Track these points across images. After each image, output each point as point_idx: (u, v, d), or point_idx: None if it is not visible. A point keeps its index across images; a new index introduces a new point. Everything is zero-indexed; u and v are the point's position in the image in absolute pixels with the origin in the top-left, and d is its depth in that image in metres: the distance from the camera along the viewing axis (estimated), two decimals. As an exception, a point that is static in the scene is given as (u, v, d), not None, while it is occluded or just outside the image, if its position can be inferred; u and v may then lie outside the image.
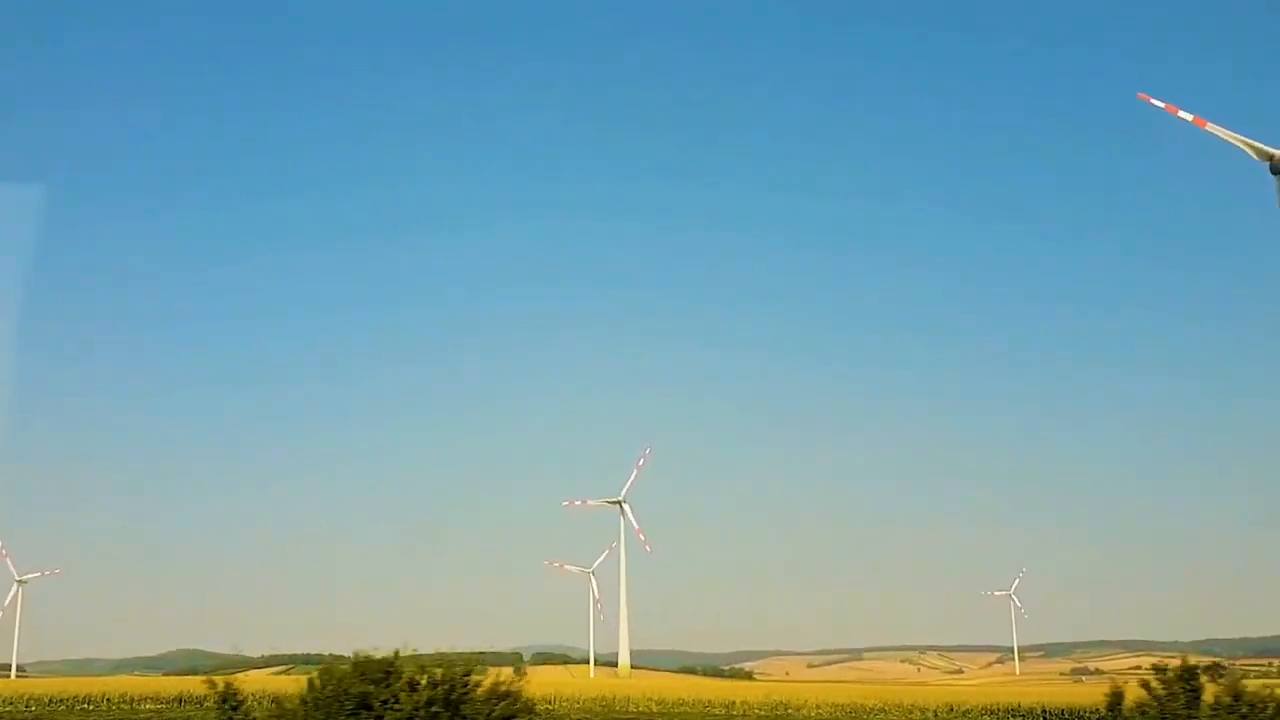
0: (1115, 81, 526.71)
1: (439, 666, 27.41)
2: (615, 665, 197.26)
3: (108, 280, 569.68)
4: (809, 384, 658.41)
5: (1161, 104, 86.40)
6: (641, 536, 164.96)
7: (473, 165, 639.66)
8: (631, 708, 67.20)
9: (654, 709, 66.61)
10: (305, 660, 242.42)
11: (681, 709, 67.78)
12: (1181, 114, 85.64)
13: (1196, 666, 19.33)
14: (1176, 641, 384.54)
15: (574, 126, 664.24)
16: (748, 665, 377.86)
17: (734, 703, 68.63)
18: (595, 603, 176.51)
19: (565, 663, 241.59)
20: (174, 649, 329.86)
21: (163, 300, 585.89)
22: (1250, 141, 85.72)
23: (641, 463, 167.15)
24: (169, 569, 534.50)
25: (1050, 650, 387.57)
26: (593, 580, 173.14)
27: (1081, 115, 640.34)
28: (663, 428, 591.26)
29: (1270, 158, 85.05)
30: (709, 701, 69.20)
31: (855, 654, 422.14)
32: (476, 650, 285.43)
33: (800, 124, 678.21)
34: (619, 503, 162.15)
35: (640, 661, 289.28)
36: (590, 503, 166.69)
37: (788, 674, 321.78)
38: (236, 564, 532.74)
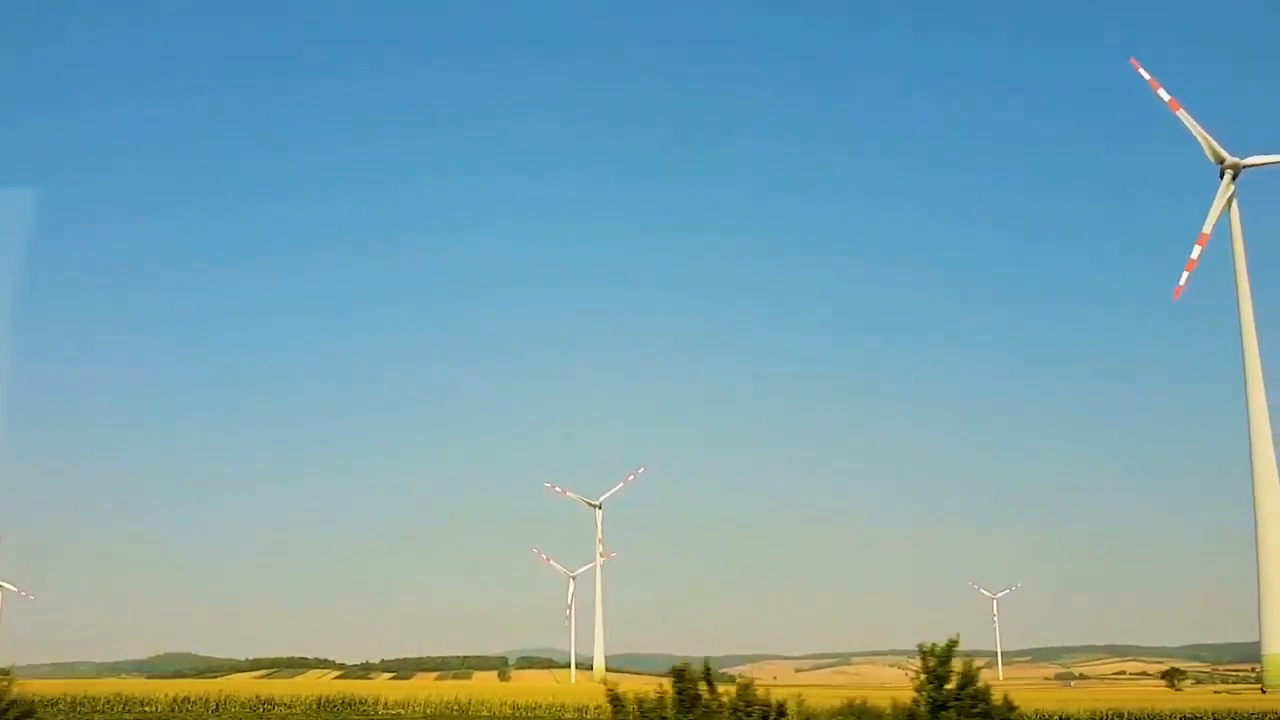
0: (1110, 82, 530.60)
1: None
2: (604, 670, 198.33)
3: (104, 281, 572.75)
4: (802, 388, 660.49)
5: (1147, 75, 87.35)
6: (601, 546, 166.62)
7: (473, 166, 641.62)
8: (485, 711, 68.60)
9: (508, 711, 68.20)
10: (289, 664, 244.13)
11: (505, 710, 69.46)
12: (1161, 91, 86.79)
13: (685, 669, 19.54)
14: (1164, 647, 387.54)
15: (574, 128, 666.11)
16: (737, 669, 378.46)
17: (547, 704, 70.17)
18: (567, 607, 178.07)
19: (550, 666, 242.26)
20: (164, 652, 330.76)
21: (158, 301, 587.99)
22: (1209, 138, 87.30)
23: (631, 478, 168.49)
24: (160, 571, 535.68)
25: (1038, 655, 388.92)
26: (571, 584, 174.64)
27: (1079, 116, 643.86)
28: (656, 431, 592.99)
29: (1220, 159, 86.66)
30: (550, 705, 70.46)
31: (844, 658, 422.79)
32: (461, 654, 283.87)
33: (799, 126, 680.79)
34: (596, 506, 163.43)
35: (629, 665, 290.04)
36: (570, 494, 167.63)
37: (774, 678, 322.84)
38: (228, 568, 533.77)
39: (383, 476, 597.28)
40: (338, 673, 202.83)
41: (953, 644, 16.84)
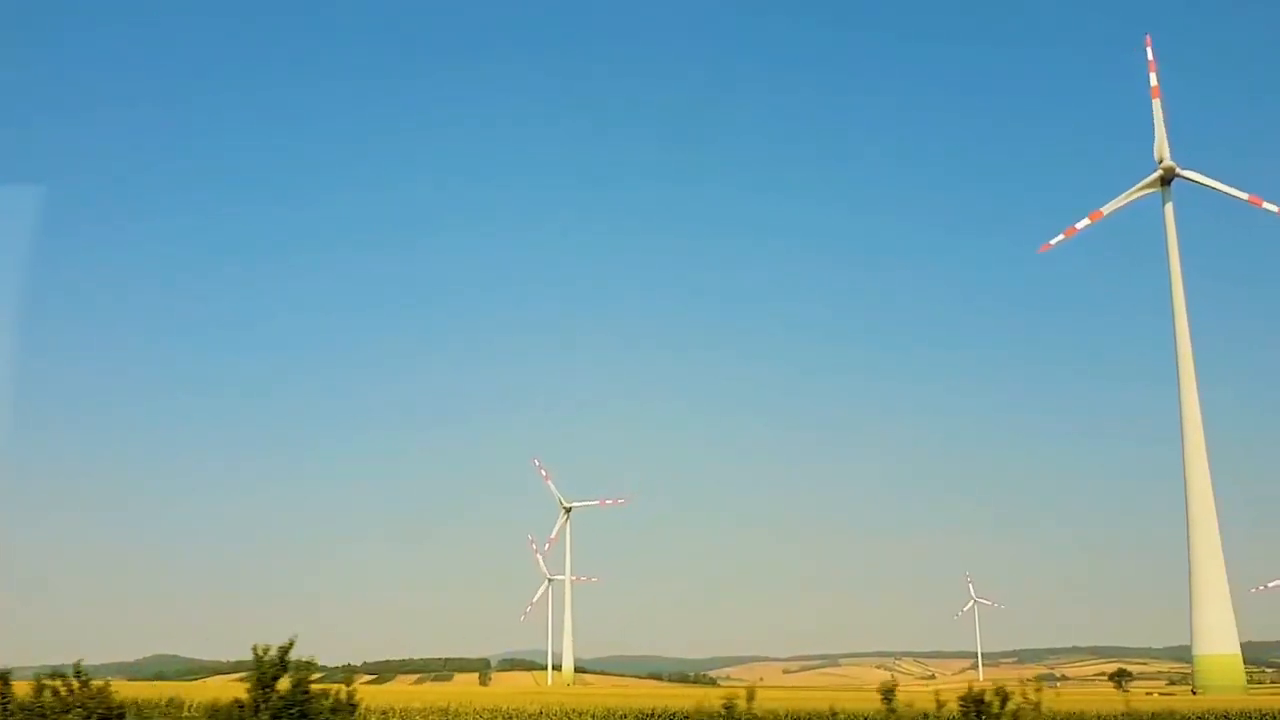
0: (1109, 83, 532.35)
1: None
2: (584, 671, 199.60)
3: (103, 281, 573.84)
4: (794, 395, 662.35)
5: (1151, 56, 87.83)
6: (546, 546, 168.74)
7: (472, 168, 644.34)
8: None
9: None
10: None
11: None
12: (1152, 75, 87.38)
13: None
14: (1149, 648, 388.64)
15: (573, 131, 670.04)
16: (725, 671, 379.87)
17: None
18: (530, 604, 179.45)
19: (533, 669, 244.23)
20: (152, 654, 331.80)
21: (148, 304, 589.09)
22: (1163, 136, 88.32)
23: (609, 502, 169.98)
24: (151, 574, 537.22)
25: (1024, 656, 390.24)
26: (547, 586, 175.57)
27: (1078, 118, 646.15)
28: (649, 433, 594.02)
29: (1160, 158, 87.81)
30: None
31: (832, 660, 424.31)
32: (444, 657, 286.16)
33: (799, 128, 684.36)
34: (566, 509, 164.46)
35: (616, 667, 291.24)
36: (550, 482, 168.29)
37: (761, 679, 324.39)
38: (218, 570, 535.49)
39: (370, 480, 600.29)
40: (318, 675, 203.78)
41: (289, 644, 17.73)
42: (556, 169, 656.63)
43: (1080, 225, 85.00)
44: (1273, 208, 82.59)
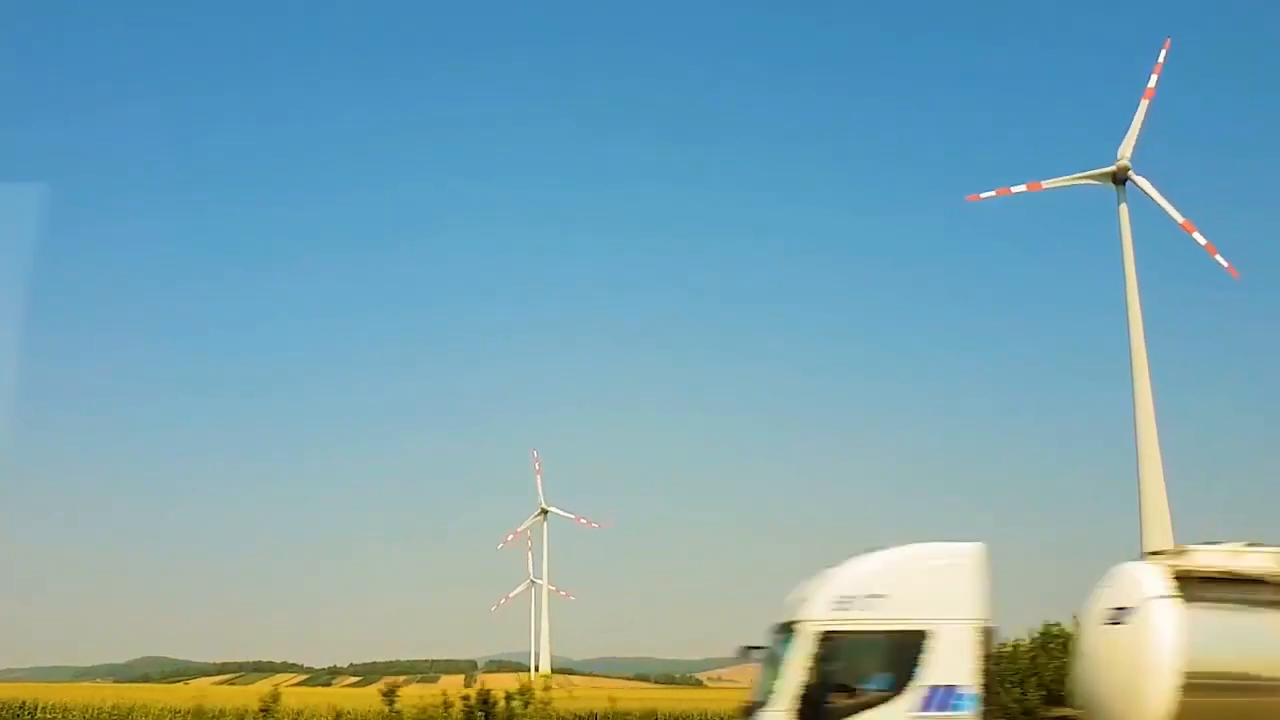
0: (1114, 84, 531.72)
1: None
2: (571, 673, 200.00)
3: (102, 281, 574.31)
4: (784, 391, 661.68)
5: (1163, 58, 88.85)
6: (510, 537, 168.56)
7: (476, 169, 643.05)
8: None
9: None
10: (257, 668, 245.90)
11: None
12: (1154, 77, 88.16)
13: None
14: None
15: (571, 131, 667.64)
16: (719, 672, 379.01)
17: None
18: (506, 597, 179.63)
19: (519, 670, 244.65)
20: (141, 655, 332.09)
21: (152, 305, 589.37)
22: (1135, 134, 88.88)
23: (584, 523, 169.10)
24: (143, 575, 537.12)
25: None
26: (530, 586, 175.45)
27: (1080, 120, 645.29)
28: (644, 433, 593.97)
29: (1120, 155, 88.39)
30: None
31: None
32: (430, 658, 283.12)
33: (799, 130, 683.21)
34: (543, 509, 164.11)
35: (610, 668, 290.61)
36: (540, 476, 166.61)
37: (754, 681, 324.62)
38: (209, 571, 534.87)
39: (364, 481, 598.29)
40: (304, 676, 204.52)
41: None
42: (556, 169, 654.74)
43: (1015, 189, 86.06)
44: (1201, 239, 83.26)
